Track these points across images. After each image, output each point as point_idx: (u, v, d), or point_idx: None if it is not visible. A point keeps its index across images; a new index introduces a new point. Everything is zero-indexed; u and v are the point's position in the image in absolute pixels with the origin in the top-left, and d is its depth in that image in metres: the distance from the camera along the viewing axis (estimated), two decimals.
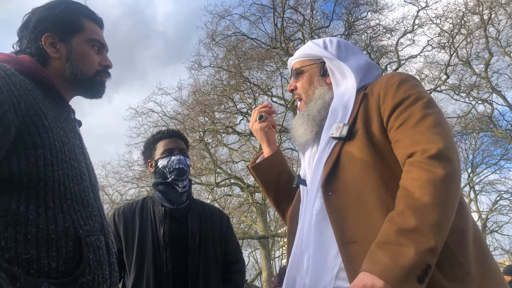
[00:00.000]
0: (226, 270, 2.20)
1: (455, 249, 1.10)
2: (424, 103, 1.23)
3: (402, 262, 1.00)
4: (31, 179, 0.99)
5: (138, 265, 1.97)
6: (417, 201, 1.07)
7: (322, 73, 1.48)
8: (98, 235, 1.12)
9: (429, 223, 1.03)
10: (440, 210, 1.05)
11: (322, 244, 1.26)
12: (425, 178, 1.09)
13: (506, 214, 17.71)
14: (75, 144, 1.17)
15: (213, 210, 2.32)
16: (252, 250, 22.79)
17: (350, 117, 1.33)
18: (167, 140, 2.21)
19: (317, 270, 1.25)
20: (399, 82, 1.28)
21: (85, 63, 1.25)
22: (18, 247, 0.93)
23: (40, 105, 1.07)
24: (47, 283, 0.94)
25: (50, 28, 1.22)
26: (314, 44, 1.53)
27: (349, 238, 1.18)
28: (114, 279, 1.15)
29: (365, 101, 1.33)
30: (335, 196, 1.25)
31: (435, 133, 1.16)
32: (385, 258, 1.03)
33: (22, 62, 1.14)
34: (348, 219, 1.21)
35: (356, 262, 1.14)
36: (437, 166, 1.10)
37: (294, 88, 1.53)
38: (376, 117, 1.28)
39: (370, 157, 1.23)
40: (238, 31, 14.29)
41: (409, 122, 1.21)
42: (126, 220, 2.08)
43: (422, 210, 1.05)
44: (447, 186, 1.09)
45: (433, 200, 1.06)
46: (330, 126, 1.36)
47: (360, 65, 1.46)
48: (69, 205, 1.06)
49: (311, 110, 1.44)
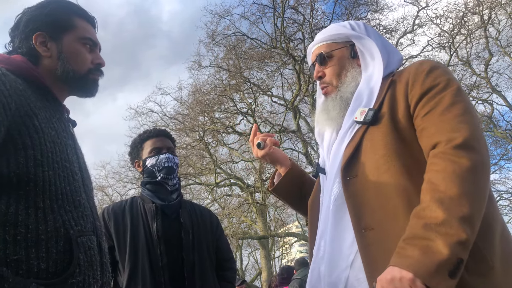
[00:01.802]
0: (219, 267, 2.22)
1: (479, 242, 1.05)
2: (453, 90, 1.18)
3: (432, 256, 0.96)
4: (20, 180, 0.99)
5: (132, 259, 1.96)
6: (443, 194, 1.02)
7: (352, 55, 1.43)
8: (89, 235, 1.12)
9: (457, 216, 0.99)
10: (468, 201, 1.01)
11: (339, 230, 1.23)
12: (450, 170, 1.05)
13: (506, 214, 17.70)
14: (68, 144, 1.17)
15: (202, 210, 2.33)
16: (252, 250, 22.81)
17: (376, 102, 1.29)
18: (154, 139, 2.19)
19: (333, 257, 1.22)
20: (429, 69, 1.24)
21: (77, 62, 1.25)
22: (7, 248, 0.92)
23: (31, 105, 1.07)
24: (36, 284, 0.93)
25: (40, 27, 1.22)
26: (340, 26, 1.48)
27: (366, 224, 1.15)
28: (106, 279, 1.15)
29: (392, 87, 1.29)
30: (354, 181, 1.22)
31: (462, 121, 1.12)
32: (415, 253, 0.99)
33: (14, 61, 1.14)
34: (366, 205, 1.17)
35: (372, 249, 1.12)
36: (462, 157, 1.06)
37: (323, 75, 1.45)
38: (403, 103, 1.24)
39: (394, 143, 1.19)
40: (238, 31, 14.30)
41: (436, 110, 1.17)
42: (116, 218, 2.07)
43: (449, 203, 1.01)
44: (474, 176, 1.04)
45: (460, 192, 1.01)
46: (354, 110, 1.32)
47: (386, 46, 1.43)
48: (60, 206, 1.05)
49: (343, 92, 1.39)
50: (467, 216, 1.00)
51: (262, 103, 15.92)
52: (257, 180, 14.78)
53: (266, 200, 14.27)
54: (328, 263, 1.23)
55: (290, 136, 15.39)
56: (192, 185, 15.85)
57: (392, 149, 1.19)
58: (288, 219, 19.19)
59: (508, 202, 17.76)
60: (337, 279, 1.20)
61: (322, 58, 1.45)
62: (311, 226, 1.41)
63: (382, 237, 1.12)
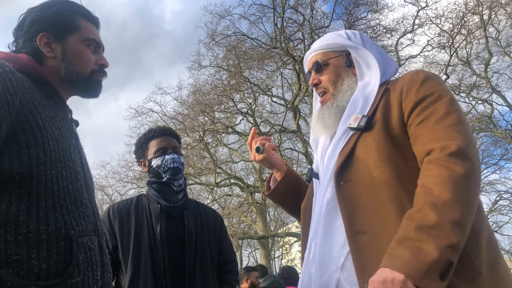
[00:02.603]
0: (220, 270, 2.20)
1: (468, 248, 1.08)
2: (447, 100, 1.22)
3: (422, 258, 0.98)
4: (23, 178, 0.98)
5: (135, 261, 1.96)
6: (437, 198, 1.05)
7: (348, 64, 1.46)
8: (90, 236, 1.11)
9: (449, 220, 1.01)
10: (461, 207, 1.03)
11: (330, 233, 1.26)
12: (445, 176, 1.07)
13: (506, 214, 17.71)
14: (71, 143, 1.16)
15: (207, 210, 2.31)
16: (252, 250, 22.82)
17: (370, 109, 1.32)
18: (159, 138, 2.17)
19: (323, 259, 1.25)
20: (423, 79, 1.27)
21: (81, 63, 1.25)
22: (8, 248, 0.92)
23: (36, 103, 1.07)
24: (35, 286, 0.93)
25: (45, 27, 1.22)
26: (336, 35, 1.51)
27: (358, 228, 1.18)
28: (107, 279, 1.14)
29: (386, 94, 1.32)
30: (347, 185, 1.24)
31: (456, 131, 1.15)
32: (406, 254, 1.01)
33: (20, 60, 1.14)
34: (358, 209, 1.20)
35: (364, 252, 1.14)
36: (456, 164, 1.08)
37: (318, 82, 1.49)
38: (396, 111, 1.27)
39: (387, 149, 1.22)
40: (238, 31, 14.30)
41: (430, 119, 1.19)
42: (121, 217, 2.06)
43: (442, 207, 1.03)
44: (467, 184, 1.07)
45: (453, 197, 1.04)
46: (348, 117, 1.34)
47: (382, 56, 1.46)
48: (62, 205, 1.05)
49: (340, 101, 1.42)
50: (458, 220, 1.02)
51: (262, 103, 15.95)
52: (257, 180, 14.80)
53: (266, 200, 14.26)
54: (318, 265, 1.25)
55: (290, 136, 15.41)
56: (192, 185, 15.85)
57: (385, 155, 1.21)
58: (288, 219, 19.18)
59: (508, 202, 17.77)
60: (327, 281, 1.22)
61: (318, 66, 1.48)
62: (304, 230, 1.44)
63: (374, 241, 1.14)
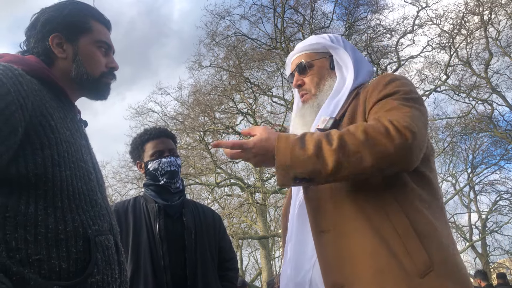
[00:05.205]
0: (221, 267, 2.20)
1: (424, 244, 1.10)
2: (410, 97, 1.22)
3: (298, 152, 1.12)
4: (39, 180, 0.99)
5: (134, 260, 1.95)
6: (352, 137, 1.11)
7: (331, 66, 1.49)
8: (107, 235, 1.12)
9: (349, 151, 1.09)
10: (364, 152, 1.08)
11: (302, 234, 1.29)
12: (381, 128, 1.10)
13: (506, 214, 17.75)
14: (81, 144, 1.17)
15: (205, 209, 2.31)
16: (252, 250, 22.80)
17: (339, 111, 1.35)
18: (155, 141, 2.15)
19: (298, 259, 1.28)
20: (389, 79, 1.30)
21: (91, 64, 1.25)
22: (29, 247, 0.93)
23: (47, 105, 1.08)
24: (57, 286, 0.94)
25: (57, 28, 1.23)
26: (319, 37, 1.54)
27: (323, 226, 1.21)
28: (124, 278, 1.15)
29: (356, 98, 1.36)
30: (313, 186, 1.27)
31: (411, 117, 1.15)
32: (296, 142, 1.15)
33: (28, 62, 1.14)
34: (322, 208, 1.24)
35: (328, 250, 1.17)
36: (396, 132, 1.09)
37: (302, 83, 1.50)
38: (361, 112, 1.30)
39: None
40: (238, 31, 14.30)
41: (386, 105, 1.22)
42: (119, 217, 2.05)
43: (358, 143, 1.10)
44: (389, 144, 1.08)
45: (367, 143, 1.09)
46: (319, 118, 1.38)
47: (357, 58, 1.49)
48: (77, 205, 1.06)
49: (321, 100, 1.44)
50: (351, 155, 1.09)
51: (262, 103, 15.95)
52: (257, 180, 14.80)
53: (266, 200, 14.28)
54: (294, 265, 1.29)
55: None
56: (192, 185, 15.85)
57: None
58: None
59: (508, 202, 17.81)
60: (302, 280, 1.26)
61: (302, 67, 1.49)
62: (283, 232, 1.47)
63: (337, 238, 1.17)
